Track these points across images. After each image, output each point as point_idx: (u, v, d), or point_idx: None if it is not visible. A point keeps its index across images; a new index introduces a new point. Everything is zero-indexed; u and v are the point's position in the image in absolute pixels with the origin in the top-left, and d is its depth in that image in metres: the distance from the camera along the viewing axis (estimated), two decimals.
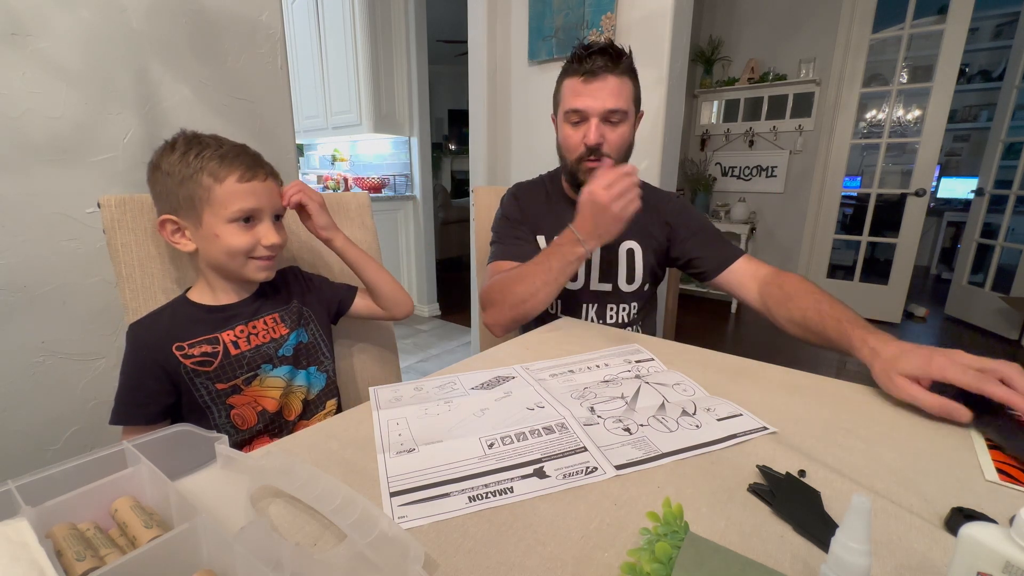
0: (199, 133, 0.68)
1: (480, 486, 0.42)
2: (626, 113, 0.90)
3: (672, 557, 0.32)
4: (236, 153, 0.67)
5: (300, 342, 0.78)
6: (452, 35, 4.49)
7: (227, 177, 0.65)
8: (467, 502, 0.40)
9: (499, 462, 0.46)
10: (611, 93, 0.88)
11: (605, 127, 0.90)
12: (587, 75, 0.88)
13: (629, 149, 0.96)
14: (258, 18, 1.13)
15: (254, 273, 0.70)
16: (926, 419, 0.55)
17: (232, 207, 0.65)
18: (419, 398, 0.59)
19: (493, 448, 0.48)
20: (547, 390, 0.61)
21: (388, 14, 2.89)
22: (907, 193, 3.18)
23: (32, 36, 0.83)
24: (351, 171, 3.62)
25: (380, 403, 0.58)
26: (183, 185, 0.65)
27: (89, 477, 0.37)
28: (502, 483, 0.43)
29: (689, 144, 3.88)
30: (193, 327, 0.69)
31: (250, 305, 0.74)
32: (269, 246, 0.69)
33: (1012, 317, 2.95)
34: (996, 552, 0.24)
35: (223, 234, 0.66)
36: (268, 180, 0.69)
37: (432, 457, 0.47)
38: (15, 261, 0.86)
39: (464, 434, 0.51)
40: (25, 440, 0.91)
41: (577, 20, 1.87)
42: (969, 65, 4.72)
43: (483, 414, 0.55)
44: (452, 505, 0.40)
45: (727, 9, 3.57)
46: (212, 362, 0.68)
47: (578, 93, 0.90)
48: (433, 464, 0.45)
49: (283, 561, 0.30)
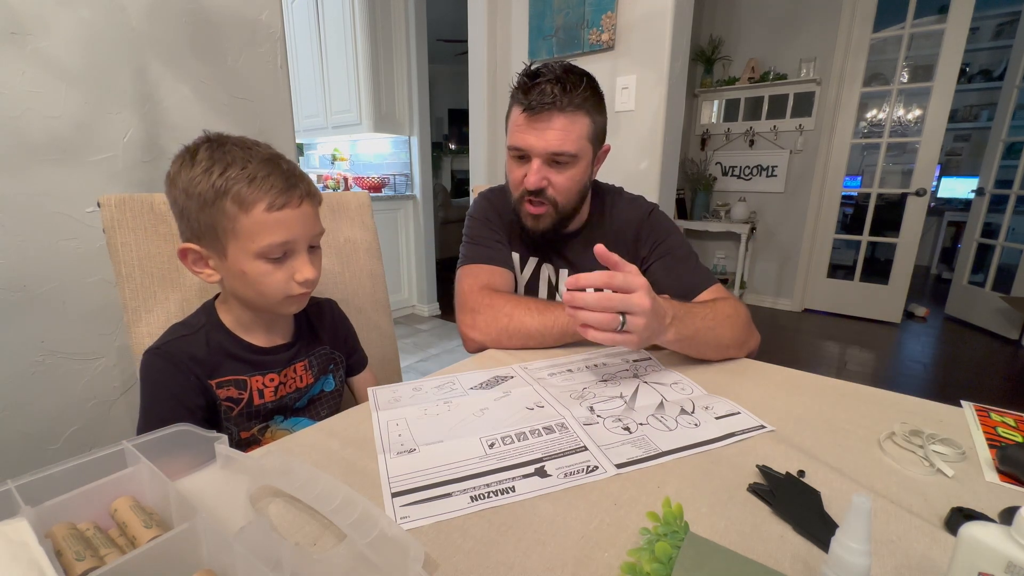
0: (224, 137, 0.58)
1: (482, 486, 0.42)
2: (575, 155, 0.77)
3: (672, 557, 0.32)
4: (267, 172, 0.56)
5: (323, 391, 0.71)
6: (452, 34, 4.49)
7: (255, 205, 0.55)
8: (469, 502, 0.40)
9: (500, 462, 0.46)
10: (557, 134, 0.75)
11: (549, 170, 0.79)
12: (530, 110, 0.76)
13: (583, 191, 0.84)
14: (258, 17, 1.13)
15: (285, 308, 0.63)
16: (926, 419, 0.55)
17: (260, 242, 0.56)
18: (418, 399, 0.59)
19: (494, 448, 0.48)
20: (546, 389, 0.61)
21: (388, 13, 2.89)
22: (907, 193, 3.17)
23: (32, 36, 0.83)
24: (351, 170, 3.61)
25: (379, 404, 0.58)
26: (204, 211, 0.55)
27: (89, 477, 0.37)
28: (504, 483, 0.43)
29: (689, 144, 3.88)
30: (225, 363, 0.62)
31: (287, 351, 0.67)
32: (303, 282, 0.60)
33: (1012, 317, 2.95)
34: (997, 552, 0.24)
35: (251, 272, 0.57)
36: (303, 204, 0.59)
37: (433, 457, 0.46)
38: (15, 261, 0.86)
39: (464, 434, 0.51)
40: (25, 440, 0.91)
41: (577, 19, 1.87)
42: (970, 65, 4.71)
43: (483, 414, 0.55)
44: (454, 505, 0.40)
45: (727, 8, 3.57)
46: (234, 408, 0.62)
47: (519, 127, 0.78)
48: (434, 464, 0.45)
49: (283, 561, 0.30)
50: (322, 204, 0.68)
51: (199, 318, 0.65)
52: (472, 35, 2.14)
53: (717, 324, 0.70)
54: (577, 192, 0.82)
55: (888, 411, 0.57)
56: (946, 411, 0.57)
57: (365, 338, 0.99)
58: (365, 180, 3.26)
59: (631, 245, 0.88)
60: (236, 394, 0.62)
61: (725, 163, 3.77)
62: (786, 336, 3.16)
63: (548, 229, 0.84)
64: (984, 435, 0.51)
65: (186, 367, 0.59)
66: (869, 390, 0.62)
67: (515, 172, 0.82)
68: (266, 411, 0.65)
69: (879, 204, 3.37)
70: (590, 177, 0.85)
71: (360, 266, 0.96)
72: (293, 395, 0.67)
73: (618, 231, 0.89)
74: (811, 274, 3.57)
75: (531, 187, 0.79)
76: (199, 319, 0.64)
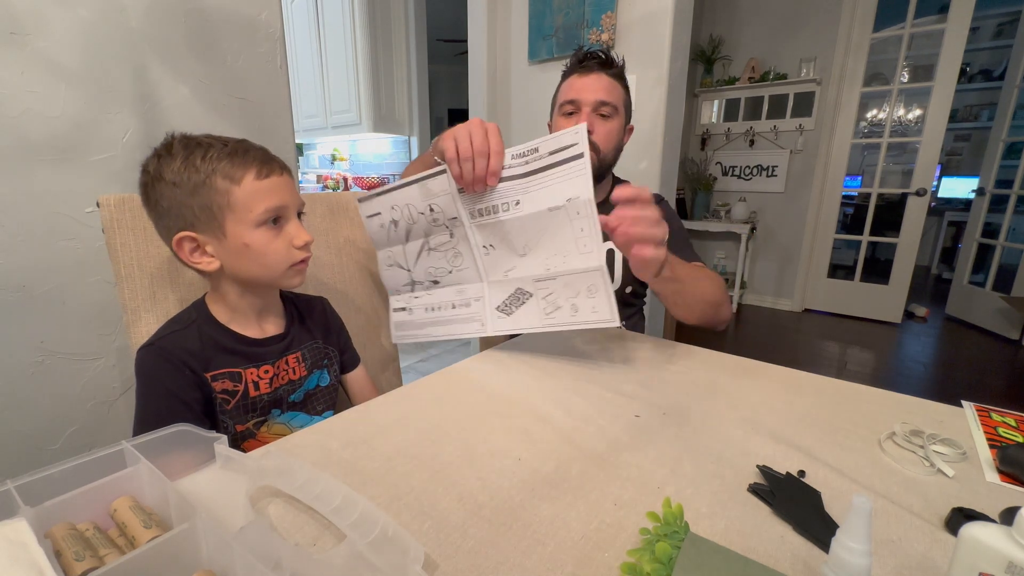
0: (189, 134, 0.60)
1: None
2: (616, 108, 0.94)
3: (672, 557, 0.32)
4: (244, 148, 0.60)
5: (319, 386, 0.72)
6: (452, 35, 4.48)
7: (244, 176, 0.58)
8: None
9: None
10: (603, 87, 0.93)
11: (596, 118, 0.94)
12: (582, 71, 0.95)
13: (617, 147, 0.98)
14: (257, 17, 1.13)
15: (288, 280, 0.64)
16: (926, 419, 0.55)
17: (257, 208, 0.58)
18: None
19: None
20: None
21: (388, 13, 2.89)
22: (908, 193, 3.17)
23: (31, 35, 0.83)
24: (351, 170, 3.62)
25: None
26: (196, 194, 0.57)
27: (88, 477, 0.37)
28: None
29: (689, 143, 3.88)
30: (219, 356, 0.62)
31: (281, 342, 0.68)
32: (302, 245, 0.62)
33: (1013, 317, 2.95)
34: (998, 552, 0.24)
35: (255, 242, 0.59)
36: (284, 174, 0.62)
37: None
38: (15, 261, 0.86)
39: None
40: (25, 440, 0.91)
41: (577, 19, 1.87)
42: (970, 64, 4.71)
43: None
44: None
45: (728, 8, 3.57)
46: (230, 401, 0.62)
47: (572, 87, 0.95)
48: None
49: (282, 561, 0.30)
50: (322, 204, 0.70)
51: (190, 314, 0.65)
52: (472, 35, 2.14)
53: (700, 279, 0.78)
54: (614, 146, 0.97)
55: (888, 411, 0.57)
56: (946, 411, 0.57)
57: (364, 338, 0.99)
58: (365, 180, 3.26)
59: None
60: (231, 386, 0.62)
61: (725, 163, 3.76)
62: (786, 336, 3.16)
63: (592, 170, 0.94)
64: (985, 435, 0.51)
65: (180, 361, 0.59)
66: (869, 390, 0.62)
67: (564, 126, 0.93)
68: (262, 404, 0.65)
69: (879, 204, 3.37)
70: (622, 140, 0.99)
71: (360, 266, 0.96)
72: (287, 387, 0.67)
73: None
74: (811, 274, 3.57)
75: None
76: (190, 315, 0.65)
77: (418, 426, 0.53)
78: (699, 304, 0.77)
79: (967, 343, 3.01)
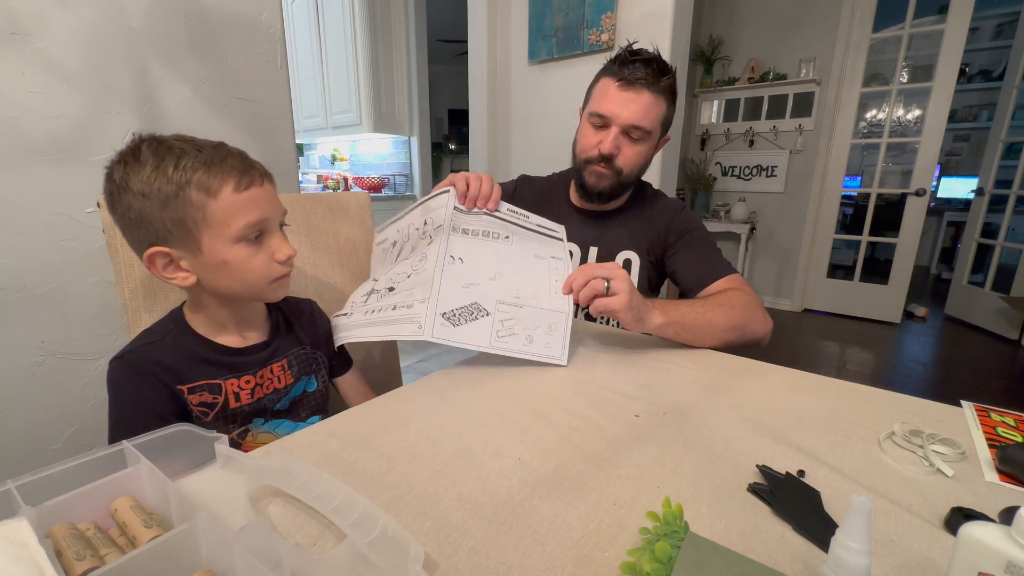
0: (159, 136, 0.55)
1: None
2: (649, 133, 0.87)
3: (672, 557, 0.32)
4: (221, 156, 0.55)
5: (306, 391, 0.70)
6: (452, 35, 4.48)
7: (221, 188, 0.53)
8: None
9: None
10: (641, 108, 0.84)
11: (623, 140, 0.87)
12: (623, 82, 0.84)
13: (643, 168, 0.93)
14: (258, 17, 1.13)
15: (272, 294, 0.62)
16: (925, 419, 0.55)
17: (236, 224, 0.54)
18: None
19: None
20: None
21: (388, 14, 2.89)
22: (907, 193, 3.17)
23: (32, 36, 0.83)
24: (351, 171, 3.62)
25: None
26: (168, 207, 0.52)
27: (89, 477, 0.37)
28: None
29: (689, 144, 3.88)
30: (196, 367, 0.59)
31: (264, 351, 0.65)
32: (284, 260, 0.59)
33: (1012, 317, 2.95)
34: (997, 551, 0.24)
35: (233, 259, 0.55)
36: (265, 183, 0.58)
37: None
38: (15, 261, 0.86)
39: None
40: (25, 440, 0.91)
41: (577, 20, 1.87)
42: (969, 65, 4.71)
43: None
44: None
45: (727, 9, 3.57)
46: (209, 413, 0.60)
47: (608, 97, 0.86)
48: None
49: (283, 561, 0.30)
50: (322, 204, 0.69)
51: (166, 324, 0.62)
52: (472, 35, 2.15)
53: (708, 310, 0.76)
54: (639, 168, 0.92)
55: (888, 411, 0.57)
56: (946, 411, 0.57)
57: None
58: (365, 180, 3.26)
59: (662, 232, 0.97)
60: (210, 399, 0.60)
61: (725, 163, 3.76)
62: (786, 336, 3.16)
63: (606, 189, 0.92)
64: (984, 435, 0.51)
65: (151, 374, 0.57)
66: (869, 390, 0.62)
67: (590, 137, 0.90)
68: (243, 414, 0.63)
69: (879, 204, 3.37)
70: (650, 158, 0.93)
71: (360, 266, 0.96)
72: (271, 396, 0.65)
73: (655, 217, 0.98)
74: (811, 274, 3.57)
75: (605, 151, 0.87)
76: (166, 325, 0.62)
77: (418, 426, 0.53)
78: (713, 334, 0.75)
79: (966, 343, 3.01)
